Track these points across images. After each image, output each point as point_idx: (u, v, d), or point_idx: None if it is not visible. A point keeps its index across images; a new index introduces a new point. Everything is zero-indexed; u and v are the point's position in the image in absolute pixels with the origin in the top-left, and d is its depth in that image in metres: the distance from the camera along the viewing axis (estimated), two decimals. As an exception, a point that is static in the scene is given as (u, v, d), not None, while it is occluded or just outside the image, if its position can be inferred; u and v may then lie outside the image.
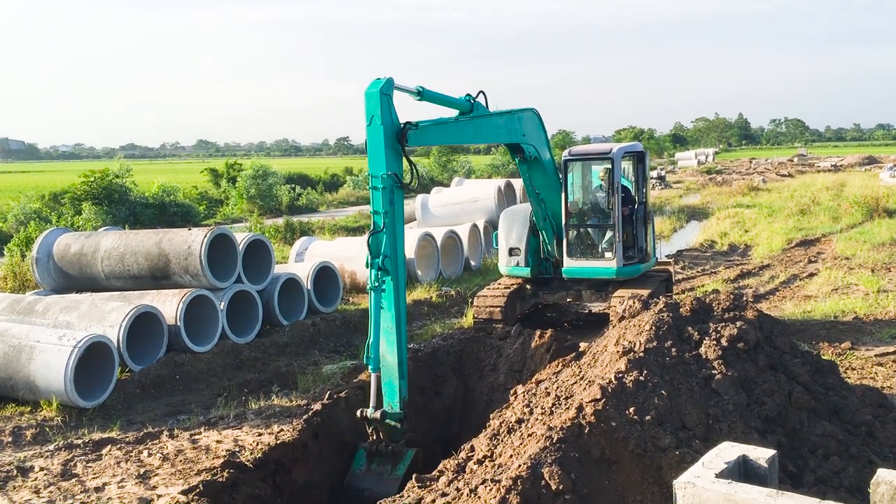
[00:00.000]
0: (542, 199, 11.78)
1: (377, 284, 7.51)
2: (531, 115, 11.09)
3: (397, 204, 7.66)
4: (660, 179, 48.77)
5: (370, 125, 7.58)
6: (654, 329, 6.30)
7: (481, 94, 9.87)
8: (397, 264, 7.65)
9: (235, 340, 12.09)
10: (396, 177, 7.56)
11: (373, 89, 7.50)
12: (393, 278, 7.56)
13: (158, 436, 8.58)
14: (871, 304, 12.89)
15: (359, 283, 16.49)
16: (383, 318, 7.57)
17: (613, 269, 11.68)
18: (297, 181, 44.13)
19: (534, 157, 11.17)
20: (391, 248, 7.58)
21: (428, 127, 8.33)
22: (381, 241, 7.58)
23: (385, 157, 7.51)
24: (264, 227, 25.07)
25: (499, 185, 23.08)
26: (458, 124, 9.25)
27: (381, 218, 7.56)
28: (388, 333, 7.54)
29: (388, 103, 7.56)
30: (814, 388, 6.14)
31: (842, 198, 30.97)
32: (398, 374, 7.50)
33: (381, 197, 7.56)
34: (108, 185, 26.97)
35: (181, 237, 12.20)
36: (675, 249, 22.13)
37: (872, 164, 63.68)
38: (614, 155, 11.67)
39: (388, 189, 7.52)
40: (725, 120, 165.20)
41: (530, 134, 10.92)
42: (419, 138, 8.06)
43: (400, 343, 7.52)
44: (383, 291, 7.54)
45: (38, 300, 11.85)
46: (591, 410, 5.38)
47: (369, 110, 7.52)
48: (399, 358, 7.51)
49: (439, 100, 9.27)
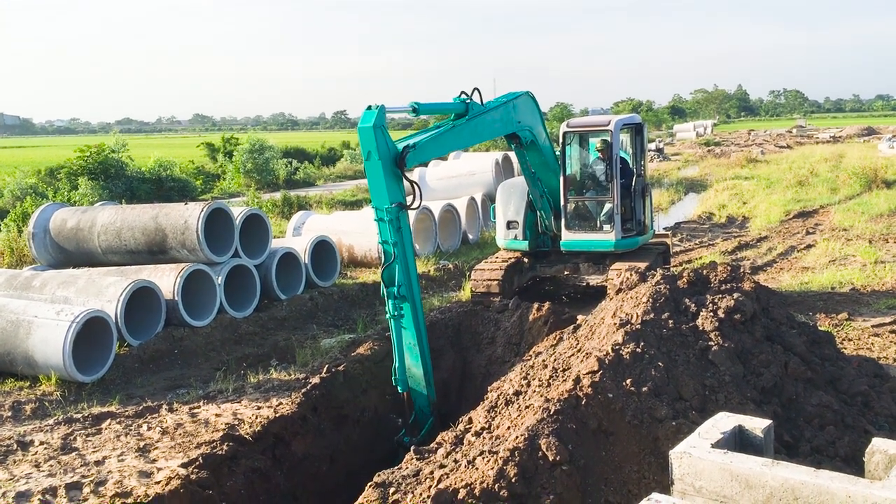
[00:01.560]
0: (539, 177, 11.73)
1: (395, 312, 7.66)
2: (525, 98, 10.97)
3: (404, 229, 7.70)
4: (658, 152, 48.62)
5: (368, 160, 7.54)
6: (651, 301, 6.30)
7: (476, 91, 9.72)
8: (412, 288, 7.75)
9: (233, 315, 12.10)
10: (400, 204, 7.57)
11: (366, 124, 7.37)
12: (409, 301, 7.69)
13: (158, 410, 8.62)
14: (868, 275, 12.91)
15: (356, 256, 16.49)
16: (405, 336, 7.82)
17: (612, 241, 11.66)
18: (294, 155, 43.92)
19: (530, 140, 11.10)
20: (404, 274, 7.67)
21: (425, 144, 8.31)
22: (394, 271, 7.65)
23: (387, 188, 7.50)
24: (261, 202, 25.00)
25: (496, 159, 23.00)
26: (455, 132, 9.14)
27: (391, 248, 7.60)
28: (410, 349, 7.82)
29: (383, 134, 7.50)
30: (810, 359, 6.16)
31: (840, 169, 30.94)
32: (425, 382, 7.95)
33: (388, 228, 7.59)
34: (104, 160, 26.83)
35: (178, 212, 12.17)
36: (674, 222, 22.11)
37: (871, 136, 63.49)
38: (612, 127, 11.60)
39: (393, 219, 7.55)
40: (724, 91, 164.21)
41: (525, 119, 10.83)
42: (417, 157, 8.12)
43: (423, 356, 7.89)
44: (402, 317, 7.73)
45: (35, 275, 11.84)
46: (588, 382, 5.40)
47: (365, 146, 7.46)
48: (424, 369, 7.91)
49: (434, 110, 9.29)
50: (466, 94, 9.47)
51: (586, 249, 11.97)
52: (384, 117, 7.52)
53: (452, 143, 9.39)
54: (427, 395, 8.02)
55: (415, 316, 7.75)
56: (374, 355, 9.30)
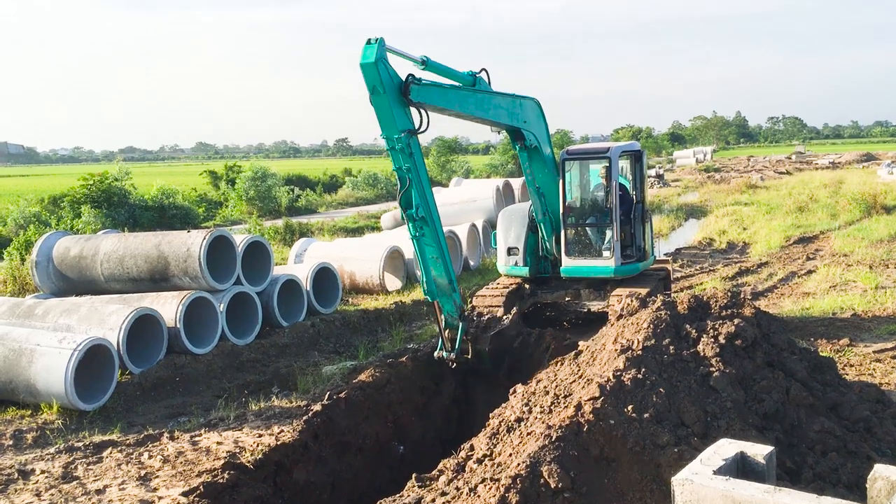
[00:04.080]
0: (543, 192, 11.84)
1: (417, 233, 8.47)
2: (532, 103, 11.18)
3: (416, 155, 8.27)
4: (658, 178, 48.78)
5: (373, 94, 7.97)
6: (652, 327, 6.32)
7: (484, 71, 10.15)
8: (430, 208, 8.45)
9: (235, 342, 12.10)
10: (410, 131, 8.13)
11: (368, 60, 7.78)
12: (429, 222, 8.44)
13: (159, 438, 8.60)
14: (869, 301, 12.91)
15: (358, 283, 16.51)
16: (428, 253, 8.59)
17: (612, 267, 11.69)
18: (296, 182, 44.13)
19: (534, 146, 11.27)
20: (420, 197, 8.32)
21: (430, 86, 8.77)
22: (410, 195, 8.29)
23: (395, 118, 8.03)
24: (263, 229, 25.08)
25: (497, 185, 23.11)
26: (461, 92, 9.70)
27: (405, 174, 8.19)
28: (433, 263, 8.63)
29: (385, 67, 7.90)
30: (812, 385, 6.16)
31: (840, 195, 30.99)
32: (451, 289, 8.90)
33: (400, 156, 8.16)
34: (107, 188, 26.98)
35: (180, 239, 12.22)
36: (674, 248, 22.14)
37: (870, 161, 63.74)
38: (611, 154, 11.68)
39: (405, 146, 8.10)
40: (723, 118, 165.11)
41: (531, 121, 11.06)
42: (421, 94, 8.47)
43: (446, 266, 8.76)
44: (424, 236, 8.48)
45: (37, 303, 11.87)
46: (589, 409, 5.40)
47: (369, 81, 7.84)
48: (448, 277, 8.82)
49: (443, 71, 9.74)
50: (474, 72, 9.91)
51: (586, 276, 12.00)
52: (384, 50, 7.92)
53: (456, 101, 9.68)
54: (453, 300, 8.95)
55: (434, 233, 8.49)
56: (375, 382, 9.28)
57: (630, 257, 11.93)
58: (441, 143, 57.96)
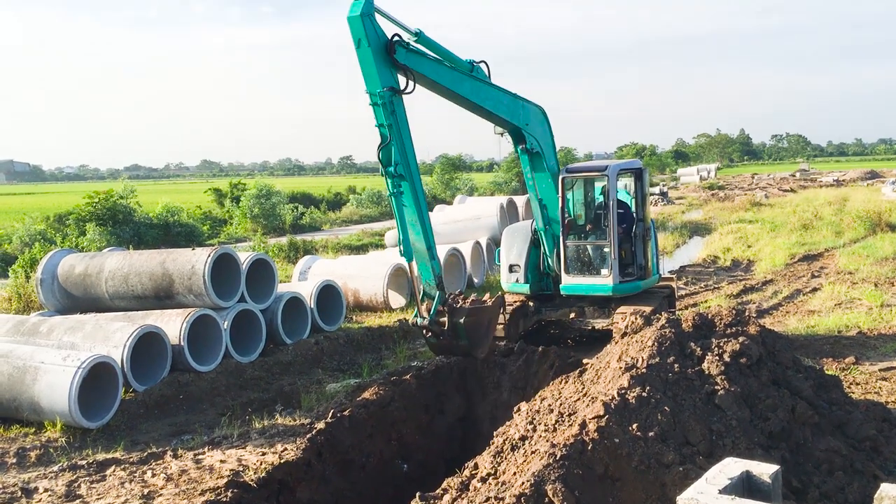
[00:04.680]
0: (545, 203, 11.86)
1: (394, 190, 8.47)
2: (537, 110, 11.22)
3: (399, 113, 8.42)
4: (662, 195, 48.85)
5: (359, 48, 8.16)
6: (656, 345, 6.30)
7: (483, 63, 10.28)
8: (409, 167, 8.52)
9: (239, 359, 12.09)
10: (393, 89, 8.31)
11: (354, 13, 8.03)
12: (408, 180, 8.49)
13: (162, 456, 8.58)
14: (874, 319, 12.87)
15: (362, 301, 16.51)
16: (407, 214, 8.61)
17: (610, 285, 11.65)
18: (300, 200, 44.25)
19: (536, 151, 11.30)
20: (401, 154, 8.43)
21: (420, 54, 8.95)
22: (390, 150, 8.42)
23: (378, 73, 8.24)
24: (268, 247, 25.13)
25: (501, 203, 23.14)
26: (455, 73, 9.90)
27: (386, 130, 8.35)
28: (413, 226, 8.65)
29: (372, 22, 8.14)
30: (817, 404, 6.14)
31: (844, 212, 30.98)
32: (429, 256, 8.90)
33: (381, 111, 8.32)
34: (112, 205, 27.07)
35: (185, 257, 12.25)
36: (678, 265, 22.13)
37: (875, 179, 63.77)
38: (609, 171, 11.66)
39: (386, 103, 8.27)
40: (727, 136, 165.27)
41: (534, 125, 11.09)
42: (410, 60, 8.67)
43: (425, 231, 8.77)
44: (402, 194, 8.53)
45: (42, 321, 11.89)
46: (594, 427, 5.38)
47: (355, 34, 8.12)
48: (427, 243, 8.83)
49: (438, 49, 9.89)
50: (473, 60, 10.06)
51: (585, 294, 11.99)
52: (371, 6, 8.22)
53: (448, 78, 9.73)
54: (431, 268, 8.92)
55: (414, 195, 8.53)
56: (379, 400, 9.26)
57: (631, 275, 11.90)
58: (445, 161, 58.13)
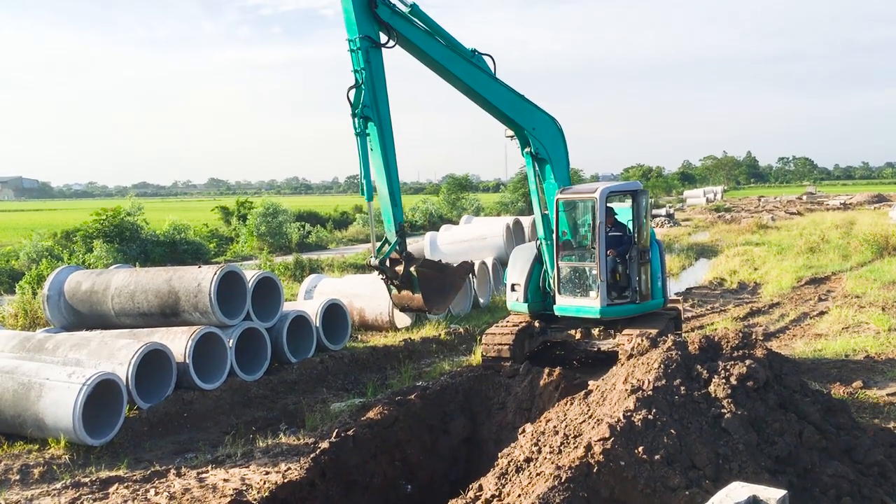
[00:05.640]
0: (550, 214, 11.91)
1: (359, 130, 9.02)
2: (549, 120, 11.39)
3: (374, 62, 9.02)
4: (668, 217, 48.87)
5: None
6: (662, 367, 6.28)
7: (489, 56, 10.63)
8: (379, 112, 9.04)
9: (244, 378, 12.08)
10: (370, 38, 8.94)
11: None
12: (376, 124, 9.02)
13: (165, 474, 8.55)
14: (882, 343, 12.79)
15: (367, 320, 16.51)
16: (373, 158, 9.06)
17: (597, 308, 11.62)
18: (306, 219, 44.36)
19: (541, 157, 11.52)
20: (370, 98, 8.98)
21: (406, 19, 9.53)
22: (360, 93, 8.96)
23: (356, 21, 8.88)
24: (274, 265, 25.17)
25: (507, 223, 23.16)
26: (449, 51, 10.55)
27: (359, 74, 8.93)
28: (378, 170, 9.11)
29: None
30: (825, 428, 6.10)
31: (851, 236, 30.90)
32: (390, 202, 9.24)
33: (356, 57, 8.95)
34: (119, 222, 27.19)
35: (191, 275, 12.28)
36: (685, 287, 22.08)
37: (881, 203, 63.64)
38: (598, 195, 11.63)
39: (362, 50, 8.89)
40: (734, 158, 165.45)
41: (542, 134, 11.23)
42: (395, 22, 9.33)
43: (390, 178, 9.15)
44: (368, 136, 9.08)
45: (48, 338, 11.90)
46: (599, 450, 5.35)
47: None
48: (390, 189, 9.19)
49: (436, 27, 10.41)
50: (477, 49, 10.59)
51: (575, 315, 11.94)
52: None
53: (439, 53, 10.19)
54: (393, 216, 9.29)
55: (382, 141, 9.04)
56: (383, 420, 9.24)
57: (625, 298, 11.83)
58: (451, 181, 58.32)
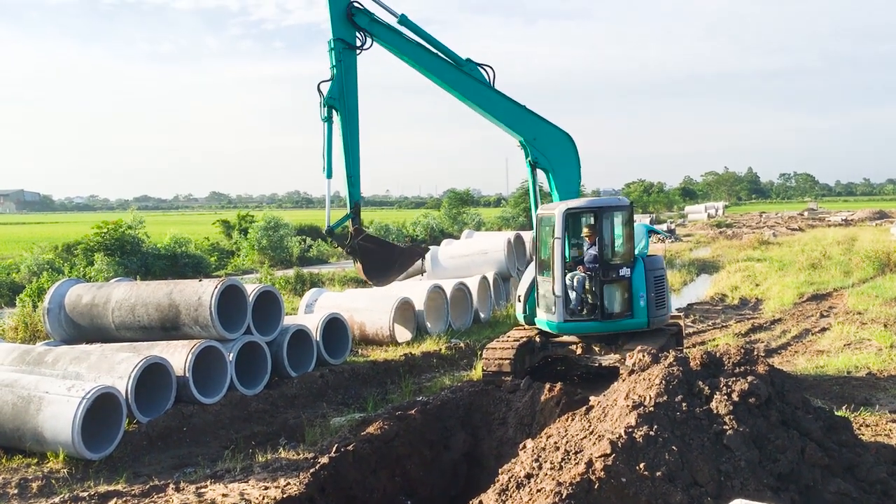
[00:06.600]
0: None
1: (325, 116, 10.73)
2: (556, 132, 11.64)
3: (346, 62, 10.66)
4: (670, 232, 48.87)
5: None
6: (664, 383, 6.26)
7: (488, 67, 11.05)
8: (346, 104, 10.69)
9: (244, 392, 12.04)
10: (343, 41, 10.56)
11: None
12: (340, 113, 10.69)
13: (164, 489, 8.51)
14: (884, 360, 12.76)
15: (368, 334, 16.48)
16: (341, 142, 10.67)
17: (555, 322, 11.93)
18: (307, 233, 44.34)
19: (542, 167, 11.91)
20: (339, 92, 10.64)
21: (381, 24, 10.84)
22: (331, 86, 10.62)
23: (333, 24, 10.48)
24: (275, 279, 25.17)
25: (508, 238, 23.12)
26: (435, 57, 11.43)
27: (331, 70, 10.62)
28: (342, 154, 10.63)
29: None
30: (827, 445, 6.06)
31: (853, 252, 30.89)
32: (349, 183, 11.09)
33: (330, 55, 10.70)
34: (120, 236, 27.22)
35: (192, 288, 12.27)
36: (686, 303, 22.05)
37: (883, 219, 63.68)
38: (557, 212, 11.75)
39: (336, 50, 10.60)
40: (735, 174, 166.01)
41: (546, 147, 11.46)
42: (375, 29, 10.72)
43: (349, 161, 10.88)
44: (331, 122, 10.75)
45: (48, 351, 11.88)
46: (600, 466, 5.32)
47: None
48: (349, 171, 10.97)
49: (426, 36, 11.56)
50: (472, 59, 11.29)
51: (542, 328, 12.37)
52: None
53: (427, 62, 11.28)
54: (349, 194, 11.13)
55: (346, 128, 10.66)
56: (383, 435, 9.20)
57: (590, 315, 11.89)
58: (453, 196, 58.43)
